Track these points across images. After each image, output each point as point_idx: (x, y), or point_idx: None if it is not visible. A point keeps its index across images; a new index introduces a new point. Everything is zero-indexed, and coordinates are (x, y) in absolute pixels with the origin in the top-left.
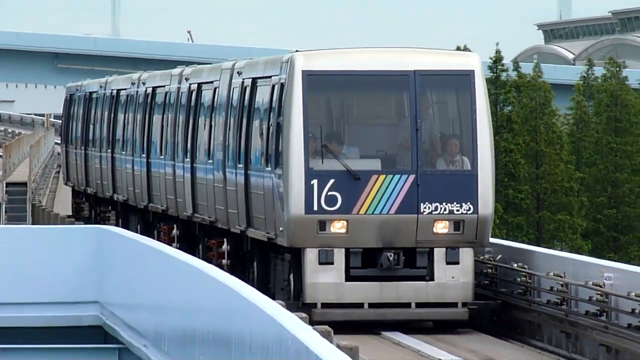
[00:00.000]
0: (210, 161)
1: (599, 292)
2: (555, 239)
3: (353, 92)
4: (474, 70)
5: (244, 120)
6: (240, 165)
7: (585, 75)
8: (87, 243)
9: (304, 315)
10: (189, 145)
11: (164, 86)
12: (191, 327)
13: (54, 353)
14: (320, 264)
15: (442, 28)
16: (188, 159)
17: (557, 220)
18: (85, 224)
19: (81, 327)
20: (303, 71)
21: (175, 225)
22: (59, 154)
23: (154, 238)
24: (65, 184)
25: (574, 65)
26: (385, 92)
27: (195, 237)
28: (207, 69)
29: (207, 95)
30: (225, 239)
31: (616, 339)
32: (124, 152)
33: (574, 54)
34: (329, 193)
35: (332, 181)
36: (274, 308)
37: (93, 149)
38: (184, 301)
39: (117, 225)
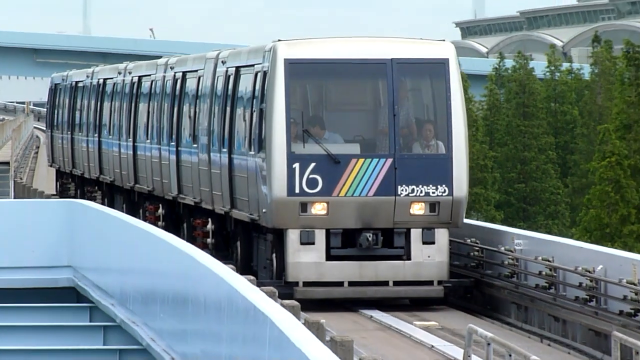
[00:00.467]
0: (195, 145)
1: (511, 257)
2: (472, 210)
3: (333, 79)
4: (448, 59)
5: (228, 107)
6: (225, 149)
7: (497, 66)
8: (60, 214)
9: (252, 277)
10: (174, 129)
11: (149, 75)
12: (153, 287)
13: (33, 311)
14: (301, 244)
15: (367, 24)
16: (174, 143)
17: (473, 194)
18: None
19: (56, 289)
20: (285, 59)
21: (160, 205)
22: (37, 137)
23: (139, 217)
24: (50, 166)
25: (487, 58)
26: (363, 80)
27: (180, 216)
28: (192, 59)
29: (191, 83)
30: (209, 219)
31: (525, 297)
32: (111, 137)
33: (487, 48)
34: (310, 176)
35: (313, 165)
36: (225, 271)
37: (80, 133)
38: (147, 265)
39: (103, 204)
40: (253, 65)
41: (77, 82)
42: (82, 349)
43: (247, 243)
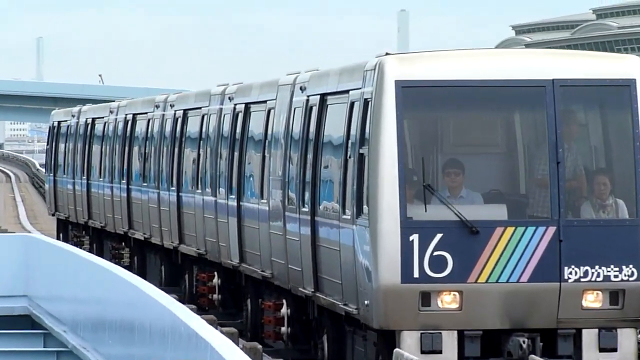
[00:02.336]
0: (264, 201)
1: None
2: None
3: (467, 110)
4: (635, 80)
5: (310, 152)
6: (305, 209)
7: None
8: (17, 248)
9: (193, 306)
10: (233, 179)
11: (199, 109)
12: (102, 316)
13: None
14: (423, 352)
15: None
16: (234, 196)
17: None
18: None
19: (12, 316)
20: (397, 81)
21: (216, 274)
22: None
23: (185, 284)
24: (53, 215)
25: None
26: (511, 110)
27: (243, 291)
28: (259, 86)
29: (257, 120)
30: (284, 301)
31: None
32: (145, 184)
33: None
34: (435, 253)
35: (439, 236)
36: (168, 301)
37: (101, 179)
38: (96, 295)
39: (131, 266)
40: (347, 92)
41: (94, 120)
42: None
43: (337, 340)
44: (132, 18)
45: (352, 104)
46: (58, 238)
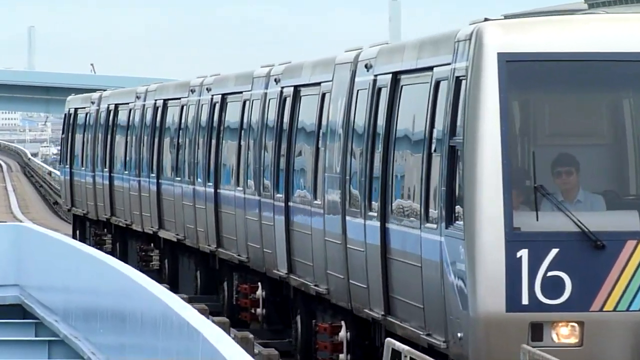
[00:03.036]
0: (318, 202)
1: None
2: None
3: (588, 90)
4: None
5: (376, 144)
6: (373, 214)
7: None
8: (8, 237)
9: (184, 295)
10: (280, 176)
11: (242, 92)
12: (94, 305)
13: None
14: None
15: None
16: (280, 195)
17: None
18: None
19: (3, 306)
20: (500, 55)
21: (259, 284)
22: None
23: (225, 293)
24: (69, 211)
25: None
26: None
27: (291, 306)
28: (311, 65)
29: (294, 108)
30: (342, 322)
31: None
32: (178, 179)
33: None
34: (550, 274)
35: (554, 252)
36: (160, 290)
37: (126, 173)
38: (88, 284)
39: (162, 271)
40: (430, 70)
41: (118, 106)
42: None
43: None
44: (123, 9)
45: (437, 85)
46: (74, 236)
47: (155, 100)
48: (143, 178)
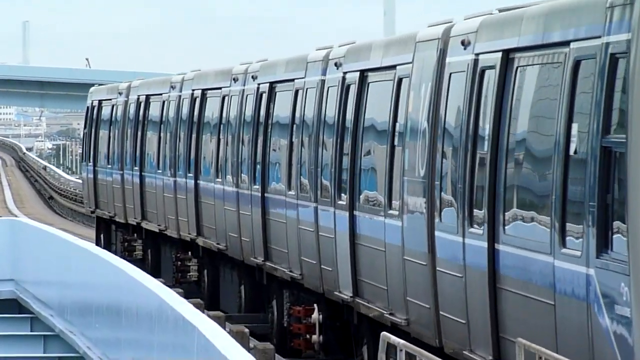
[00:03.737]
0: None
1: None
2: None
3: None
4: None
5: (478, 144)
6: (477, 232)
7: None
8: (3, 232)
9: (180, 290)
10: (342, 178)
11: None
12: (89, 299)
13: None
14: None
15: None
16: (343, 202)
17: None
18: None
19: None
20: None
21: (315, 306)
22: None
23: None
24: (92, 213)
25: None
26: None
27: (355, 333)
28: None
29: (360, 97)
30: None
31: None
32: (219, 180)
33: None
34: None
35: None
36: (156, 284)
37: (159, 172)
38: (83, 279)
39: (205, 287)
40: (563, 45)
41: (149, 98)
42: (24, 356)
43: None
44: (119, 2)
45: (575, 65)
46: (98, 241)
47: (193, 90)
48: (179, 178)
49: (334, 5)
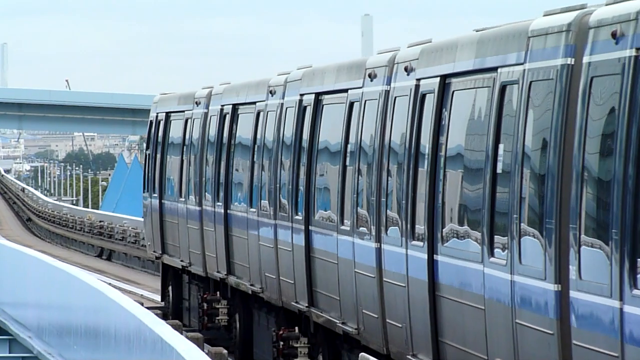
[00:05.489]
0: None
1: None
2: None
3: None
4: None
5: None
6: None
7: None
8: None
9: (159, 312)
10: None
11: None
12: (67, 321)
13: None
14: None
15: None
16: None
17: None
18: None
19: None
20: None
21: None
22: None
23: None
24: (157, 259)
25: None
26: None
27: None
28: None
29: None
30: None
31: None
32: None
33: None
34: None
35: None
36: (134, 306)
37: (253, 210)
38: (61, 300)
39: None
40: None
41: (237, 108)
42: None
43: None
44: (99, 22)
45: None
46: (164, 295)
47: (301, 96)
48: (281, 221)
49: (316, 22)
